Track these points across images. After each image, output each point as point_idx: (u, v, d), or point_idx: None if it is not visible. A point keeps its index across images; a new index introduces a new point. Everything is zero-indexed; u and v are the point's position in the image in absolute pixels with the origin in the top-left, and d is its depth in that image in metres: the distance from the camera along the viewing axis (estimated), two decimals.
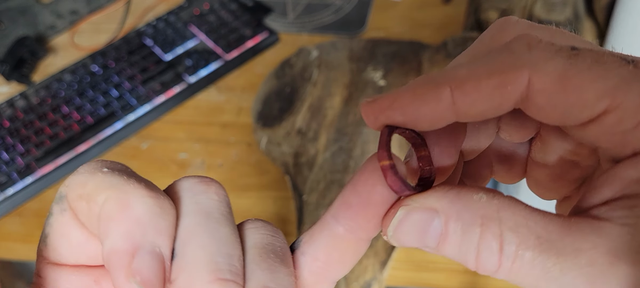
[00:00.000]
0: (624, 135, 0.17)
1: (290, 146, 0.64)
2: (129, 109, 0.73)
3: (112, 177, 0.18)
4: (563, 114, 0.18)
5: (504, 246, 0.17)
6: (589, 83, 0.17)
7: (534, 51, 0.18)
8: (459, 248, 0.18)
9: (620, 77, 0.17)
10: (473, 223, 0.17)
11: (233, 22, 0.82)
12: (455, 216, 0.18)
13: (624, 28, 0.66)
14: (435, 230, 0.18)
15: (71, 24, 0.89)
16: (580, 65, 0.17)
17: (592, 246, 0.16)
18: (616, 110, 0.17)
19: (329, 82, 0.67)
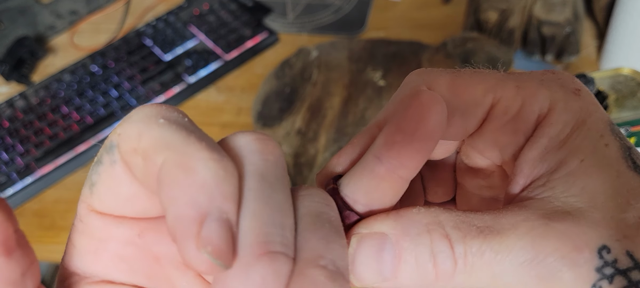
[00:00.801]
0: (514, 124, 0.21)
1: (290, 146, 0.64)
2: (129, 109, 0.73)
3: (171, 133, 0.17)
4: (461, 118, 0.21)
5: (453, 245, 0.18)
6: (474, 85, 0.21)
7: (425, 75, 0.22)
8: (415, 263, 0.19)
9: (496, 77, 0.21)
10: (420, 233, 0.19)
11: (233, 23, 0.82)
12: (403, 232, 0.19)
13: (624, 28, 0.66)
14: (389, 254, 0.19)
15: (71, 24, 0.89)
16: (463, 75, 0.22)
17: (524, 218, 0.19)
18: (500, 101, 0.21)
19: (329, 82, 0.67)
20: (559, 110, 0.20)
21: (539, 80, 0.21)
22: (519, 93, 0.21)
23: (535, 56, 0.74)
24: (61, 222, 0.64)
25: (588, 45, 0.76)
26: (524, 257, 0.18)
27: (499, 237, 0.18)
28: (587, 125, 0.20)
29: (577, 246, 0.18)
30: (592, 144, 0.20)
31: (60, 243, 0.62)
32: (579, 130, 0.20)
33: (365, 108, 0.65)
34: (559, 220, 0.18)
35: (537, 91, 0.21)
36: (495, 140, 0.22)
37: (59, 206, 0.65)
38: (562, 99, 0.21)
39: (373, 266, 0.19)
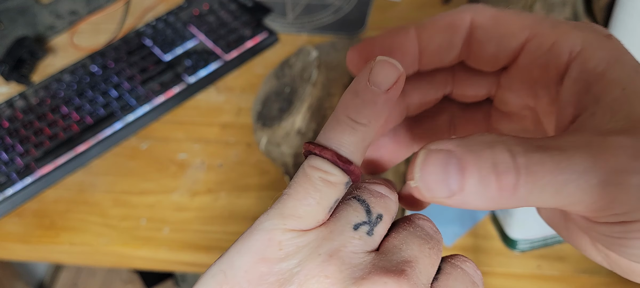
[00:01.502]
0: (546, 59, 0.23)
1: (290, 146, 0.64)
2: (129, 110, 0.73)
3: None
4: (498, 46, 0.24)
5: (515, 157, 0.20)
6: (514, 20, 0.24)
7: (473, 5, 0.24)
8: (479, 175, 0.20)
9: (534, 17, 0.24)
10: (484, 148, 0.20)
11: (232, 23, 0.82)
12: (467, 149, 0.20)
13: (624, 28, 0.66)
14: (454, 168, 0.20)
15: (70, 25, 0.89)
16: (507, 12, 0.24)
17: (581, 136, 0.20)
18: (535, 37, 0.23)
19: (329, 82, 0.67)
20: (594, 48, 0.22)
21: (573, 25, 0.23)
22: (553, 31, 0.23)
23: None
24: (61, 222, 0.64)
25: None
26: (585, 164, 0.19)
27: (559, 150, 0.19)
28: (621, 61, 0.22)
29: (633, 155, 0.19)
30: (629, 75, 0.21)
31: (60, 243, 0.62)
32: (615, 64, 0.22)
33: None
34: (614, 135, 0.20)
35: (571, 31, 0.23)
36: (528, 76, 0.24)
37: (59, 206, 0.65)
38: (595, 40, 0.22)
39: (440, 178, 0.20)
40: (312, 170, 0.22)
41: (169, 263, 0.62)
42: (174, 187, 0.65)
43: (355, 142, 0.22)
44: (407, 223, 0.23)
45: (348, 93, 0.23)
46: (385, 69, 0.22)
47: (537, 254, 0.56)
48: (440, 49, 0.25)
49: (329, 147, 0.22)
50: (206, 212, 0.63)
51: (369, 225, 0.22)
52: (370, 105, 0.22)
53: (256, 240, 0.22)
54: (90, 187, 0.67)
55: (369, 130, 0.23)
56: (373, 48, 0.24)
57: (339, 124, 0.23)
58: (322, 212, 0.22)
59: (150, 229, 0.62)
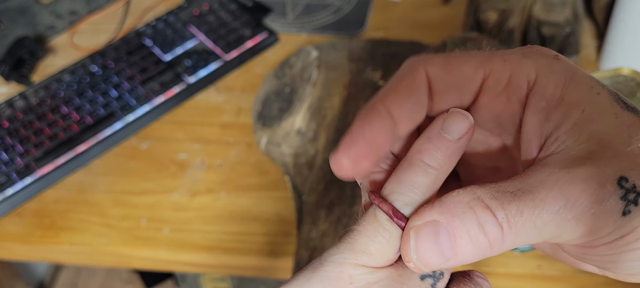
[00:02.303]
0: (507, 93, 0.24)
1: (290, 146, 0.64)
2: (129, 110, 0.73)
3: None
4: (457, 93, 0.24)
5: (495, 213, 0.21)
6: (465, 63, 0.24)
7: (422, 57, 0.25)
8: (469, 238, 0.21)
9: (484, 55, 0.24)
10: (465, 210, 0.21)
11: (232, 23, 0.82)
12: (451, 215, 0.21)
13: (623, 28, 0.66)
14: (444, 237, 0.21)
15: (70, 25, 0.89)
16: (455, 56, 0.24)
17: (549, 173, 0.21)
18: (490, 75, 0.24)
19: (329, 82, 0.67)
20: (547, 74, 0.23)
21: (521, 53, 0.24)
22: (506, 65, 0.24)
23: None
24: (61, 222, 0.64)
25: (588, 45, 0.76)
26: (557, 204, 0.20)
27: (531, 194, 0.21)
28: (575, 80, 0.22)
29: (599, 183, 0.20)
30: (586, 95, 0.22)
31: (60, 243, 0.62)
32: (570, 86, 0.22)
33: None
34: (578, 165, 0.21)
35: (522, 61, 0.23)
36: (492, 111, 0.24)
37: (59, 206, 0.65)
38: (545, 64, 0.23)
39: (435, 250, 0.21)
40: (380, 211, 0.23)
41: (169, 263, 0.62)
42: (174, 187, 0.65)
43: (426, 184, 0.23)
44: (467, 278, 0.25)
45: (421, 139, 0.24)
46: (457, 119, 0.24)
47: (537, 254, 0.56)
48: (411, 113, 0.25)
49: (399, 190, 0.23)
50: (206, 212, 0.63)
51: (434, 279, 0.23)
52: (443, 151, 0.24)
53: (326, 271, 0.23)
54: (90, 187, 0.67)
55: (440, 174, 0.24)
56: (357, 145, 0.24)
57: (412, 166, 0.24)
58: (391, 251, 0.23)
59: (150, 229, 0.62)
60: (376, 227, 0.23)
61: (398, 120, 0.24)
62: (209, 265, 0.61)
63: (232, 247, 0.60)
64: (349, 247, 0.23)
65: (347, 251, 0.23)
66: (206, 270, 0.63)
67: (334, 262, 0.23)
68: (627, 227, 0.20)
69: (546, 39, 0.73)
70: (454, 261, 0.22)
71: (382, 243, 0.23)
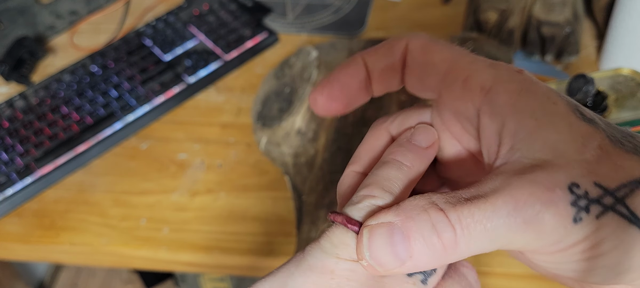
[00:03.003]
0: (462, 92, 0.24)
1: (290, 146, 0.64)
2: (129, 110, 0.73)
3: None
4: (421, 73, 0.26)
5: (448, 215, 0.21)
6: (438, 51, 0.25)
7: (413, 33, 0.27)
8: (423, 239, 0.21)
9: (457, 51, 0.25)
10: (420, 213, 0.21)
11: (232, 23, 0.82)
12: (406, 216, 0.22)
13: (623, 28, 0.66)
14: (399, 237, 0.21)
15: (70, 25, 0.89)
16: (437, 43, 0.26)
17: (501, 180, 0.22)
18: (452, 71, 0.25)
19: None
20: (503, 82, 0.23)
21: (489, 63, 0.24)
22: (469, 67, 0.24)
23: (535, 56, 0.74)
24: (61, 222, 0.64)
25: (588, 45, 0.76)
26: (507, 208, 0.21)
27: (484, 198, 0.21)
28: (532, 90, 0.23)
29: (548, 188, 0.20)
30: (541, 104, 0.22)
31: (60, 243, 0.62)
32: (525, 94, 0.23)
33: (365, 108, 0.65)
34: (529, 171, 0.21)
35: (484, 69, 0.24)
36: (452, 108, 0.25)
37: (59, 206, 0.65)
38: (505, 74, 0.23)
39: (389, 251, 0.21)
40: (362, 198, 0.24)
41: (169, 263, 0.62)
42: (173, 187, 0.65)
43: (400, 178, 0.24)
44: (453, 270, 0.25)
45: (393, 145, 0.26)
46: (424, 130, 0.26)
47: None
48: (385, 73, 0.27)
49: (375, 182, 0.24)
50: (206, 212, 0.63)
51: (424, 275, 0.23)
52: (414, 153, 0.25)
53: (309, 264, 0.23)
54: (90, 187, 0.67)
55: (412, 172, 0.25)
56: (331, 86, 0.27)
57: (386, 163, 0.25)
58: None
59: (150, 229, 0.62)
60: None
61: (372, 74, 0.27)
62: (208, 265, 0.61)
63: (232, 247, 0.60)
64: (329, 240, 0.23)
65: (328, 244, 0.23)
66: (206, 270, 0.63)
67: (316, 256, 0.23)
68: (579, 235, 0.20)
69: (546, 39, 0.73)
70: (410, 264, 0.21)
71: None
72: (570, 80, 0.43)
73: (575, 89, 0.42)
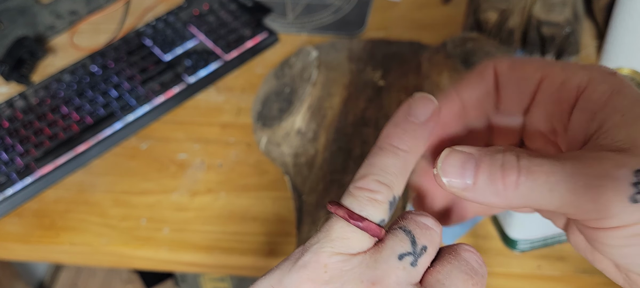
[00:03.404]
0: (559, 94, 0.26)
1: (290, 146, 0.64)
2: (129, 110, 0.73)
3: None
4: (517, 88, 0.27)
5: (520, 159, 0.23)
6: (528, 65, 0.27)
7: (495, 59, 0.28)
8: (488, 173, 0.23)
9: (546, 61, 0.27)
10: (497, 152, 0.23)
11: (232, 23, 0.82)
12: (484, 153, 0.24)
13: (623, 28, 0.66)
14: (470, 165, 0.23)
15: (70, 25, 0.89)
16: (521, 60, 0.28)
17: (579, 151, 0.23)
18: (547, 77, 0.26)
19: (329, 82, 0.67)
20: (597, 82, 0.25)
21: (581, 66, 0.26)
22: (563, 71, 0.26)
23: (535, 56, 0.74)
24: (61, 222, 0.64)
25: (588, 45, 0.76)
26: (572, 169, 0.22)
27: (557, 158, 0.23)
28: (623, 92, 0.24)
29: (617, 165, 0.22)
30: (629, 103, 0.24)
31: (60, 243, 0.62)
32: (617, 95, 0.24)
33: (365, 108, 0.65)
34: (606, 150, 0.23)
35: (579, 70, 0.26)
36: (545, 112, 0.27)
37: (59, 206, 0.65)
38: (599, 75, 0.25)
39: (458, 172, 0.23)
40: (360, 191, 0.24)
41: (169, 263, 0.62)
42: (174, 187, 0.65)
43: (398, 166, 0.25)
44: (452, 255, 0.25)
45: (388, 125, 0.26)
46: (422, 102, 0.26)
47: (537, 254, 0.56)
48: (481, 100, 0.28)
49: (371, 172, 0.25)
50: (206, 212, 0.63)
51: (414, 256, 0.24)
52: (411, 133, 0.25)
53: (304, 260, 0.23)
54: (90, 187, 0.67)
55: (410, 156, 0.25)
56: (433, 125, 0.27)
57: (382, 150, 0.25)
58: (366, 238, 0.24)
59: (150, 229, 0.62)
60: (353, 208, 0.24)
61: (467, 104, 0.28)
62: (208, 265, 0.61)
63: (232, 247, 0.60)
64: (326, 234, 0.24)
65: (324, 239, 0.24)
66: (206, 270, 0.63)
67: (311, 251, 0.24)
68: (633, 216, 0.21)
69: (546, 39, 0.73)
70: (471, 192, 0.23)
71: (357, 231, 0.24)
72: None
73: None
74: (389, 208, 0.25)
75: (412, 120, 0.26)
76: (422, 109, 0.26)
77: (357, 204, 0.24)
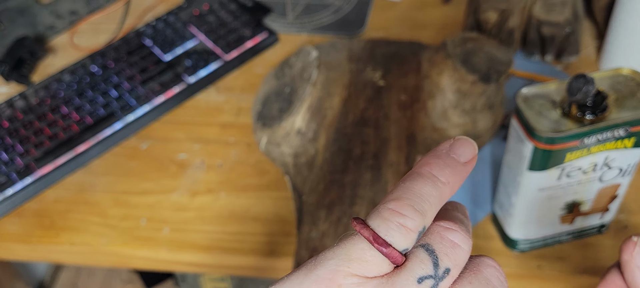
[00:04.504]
0: None
1: (290, 146, 0.64)
2: (129, 110, 0.73)
3: None
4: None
5: None
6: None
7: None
8: None
9: None
10: None
11: (232, 23, 0.82)
12: None
13: (623, 29, 0.66)
14: None
15: (70, 25, 0.89)
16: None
17: None
18: None
19: (329, 82, 0.67)
20: None
21: None
22: None
23: (535, 56, 0.74)
24: (61, 222, 0.64)
25: (588, 45, 0.76)
26: None
27: None
28: None
29: None
30: None
31: (60, 243, 0.62)
32: None
33: (365, 108, 0.65)
34: None
35: None
36: None
37: (58, 206, 0.65)
38: None
39: None
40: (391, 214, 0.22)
41: (169, 263, 0.62)
42: (174, 187, 0.65)
43: (435, 196, 0.23)
44: (473, 273, 0.23)
45: (429, 156, 0.25)
46: (466, 144, 0.25)
47: (537, 254, 0.56)
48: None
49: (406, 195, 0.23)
50: (206, 212, 0.63)
51: (435, 280, 0.22)
52: (452, 169, 0.24)
53: (318, 276, 0.22)
54: (90, 187, 0.67)
55: (447, 191, 0.24)
56: None
57: (421, 177, 0.24)
58: (386, 263, 0.22)
59: (150, 229, 0.62)
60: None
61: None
62: (208, 265, 0.61)
63: (232, 247, 0.60)
64: (345, 253, 0.22)
65: (342, 256, 0.22)
66: (206, 270, 0.63)
67: (327, 267, 0.22)
68: None
69: (546, 39, 0.73)
70: None
71: (378, 256, 0.22)
72: (570, 80, 0.43)
73: (575, 89, 0.42)
74: (416, 238, 0.23)
75: (454, 157, 0.25)
76: (465, 149, 0.25)
77: (384, 227, 0.22)
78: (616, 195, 0.52)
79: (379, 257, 0.22)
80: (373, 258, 0.22)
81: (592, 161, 0.47)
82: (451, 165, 0.24)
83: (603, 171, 0.48)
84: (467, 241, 0.23)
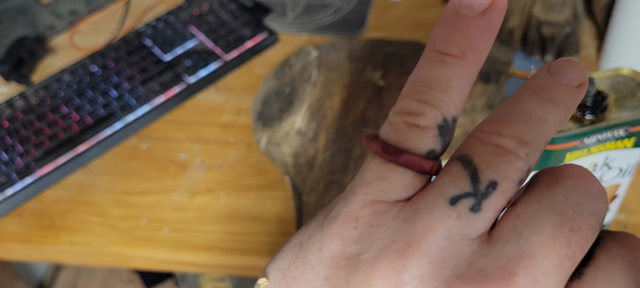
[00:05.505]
0: None
1: (290, 146, 0.64)
2: (129, 110, 0.73)
3: None
4: None
5: None
6: None
7: None
8: None
9: None
10: None
11: (232, 23, 0.82)
12: None
13: (623, 28, 0.66)
14: None
15: (70, 25, 0.89)
16: None
17: None
18: None
19: (329, 82, 0.67)
20: None
21: None
22: None
23: (535, 56, 0.74)
24: (61, 222, 0.64)
25: (588, 45, 0.76)
26: None
27: None
28: None
29: None
30: None
31: (60, 243, 0.62)
32: None
33: (365, 108, 0.65)
34: None
35: None
36: None
37: (59, 206, 0.65)
38: None
39: None
40: (394, 116, 0.18)
41: (169, 263, 0.62)
42: (174, 187, 0.65)
43: (446, 77, 0.18)
44: (547, 185, 0.16)
45: (435, 26, 0.19)
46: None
47: None
48: None
49: (410, 91, 0.18)
50: (206, 212, 0.63)
51: (475, 198, 0.16)
52: (464, 31, 0.18)
53: (336, 211, 0.18)
54: (90, 187, 0.67)
55: (464, 63, 0.18)
56: None
57: (424, 59, 0.18)
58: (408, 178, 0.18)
59: (150, 229, 0.62)
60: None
61: None
62: (208, 265, 0.61)
63: (232, 247, 0.60)
64: (361, 176, 0.18)
65: (359, 182, 0.18)
66: (206, 270, 0.63)
67: (343, 199, 0.18)
68: None
69: (546, 39, 0.73)
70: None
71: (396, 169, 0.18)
72: None
73: None
74: (439, 135, 0.17)
75: (464, 12, 0.18)
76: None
77: (393, 133, 0.18)
78: (616, 195, 0.52)
79: (397, 170, 0.17)
80: (390, 174, 0.17)
81: (592, 161, 0.47)
82: (462, 27, 0.18)
83: (603, 171, 0.48)
84: (524, 146, 0.17)
